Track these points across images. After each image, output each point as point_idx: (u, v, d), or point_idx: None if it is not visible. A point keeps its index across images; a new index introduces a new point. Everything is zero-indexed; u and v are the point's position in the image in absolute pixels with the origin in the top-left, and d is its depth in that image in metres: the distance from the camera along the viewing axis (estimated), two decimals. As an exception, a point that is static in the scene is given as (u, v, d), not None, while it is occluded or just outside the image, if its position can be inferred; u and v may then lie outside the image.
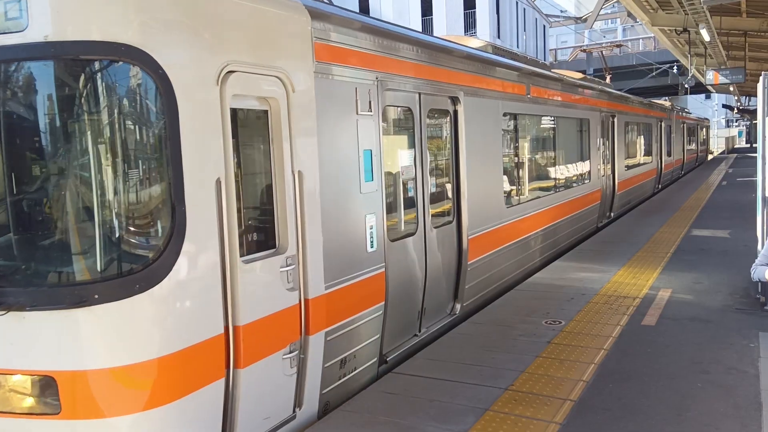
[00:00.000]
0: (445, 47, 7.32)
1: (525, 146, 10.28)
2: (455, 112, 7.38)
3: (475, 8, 37.71)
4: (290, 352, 4.60)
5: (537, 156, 10.90)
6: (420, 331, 6.70)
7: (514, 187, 9.41)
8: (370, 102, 5.59)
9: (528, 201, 9.82)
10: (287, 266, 4.55)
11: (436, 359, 6.03)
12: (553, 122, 11.37)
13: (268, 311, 4.38)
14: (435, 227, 6.87)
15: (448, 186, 7.42)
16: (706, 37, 16.90)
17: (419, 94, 6.54)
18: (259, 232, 4.57)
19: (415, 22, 36.30)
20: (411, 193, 6.53)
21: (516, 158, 9.69)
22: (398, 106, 6.36)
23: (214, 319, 3.99)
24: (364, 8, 37.11)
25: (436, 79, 6.85)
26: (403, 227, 6.41)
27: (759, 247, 7.58)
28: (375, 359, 5.86)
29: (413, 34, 6.81)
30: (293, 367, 4.66)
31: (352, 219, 5.38)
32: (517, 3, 42.33)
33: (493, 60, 8.69)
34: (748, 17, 17.48)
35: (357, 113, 5.40)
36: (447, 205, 7.35)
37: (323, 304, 4.91)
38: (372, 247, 5.61)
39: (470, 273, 7.54)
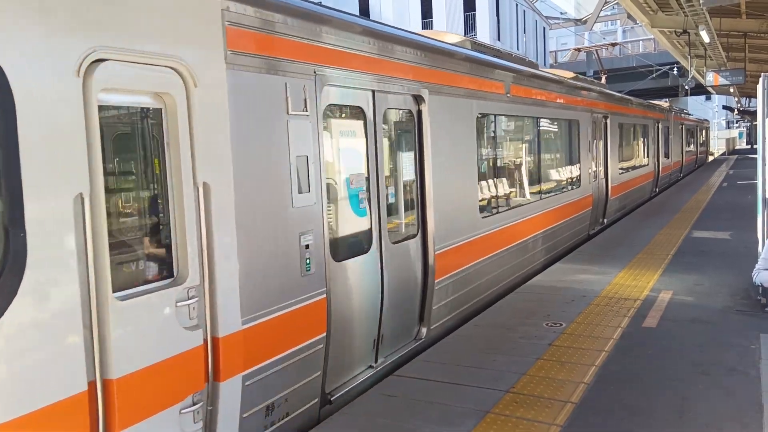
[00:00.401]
0: (405, 39, 6.43)
1: (504, 150, 9.64)
2: (419, 112, 6.59)
3: (475, 10, 37.75)
4: (192, 405, 3.80)
5: (518, 161, 10.17)
6: (376, 361, 5.92)
7: (491, 196, 8.67)
8: (305, 100, 4.79)
9: (508, 210, 9.06)
10: (188, 299, 3.77)
11: (436, 362, 6.02)
12: (537, 124, 10.67)
13: (158, 357, 3.59)
14: (394, 242, 6.13)
15: (412, 196, 6.61)
16: (706, 39, 16.92)
17: (373, 91, 5.77)
18: (149, 260, 3.79)
19: (415, 25, 36.33)
20: (363, 205, 5.73)
21: (494, 163, 8.98)
22: (345, 106, 5.64)
23: (74, 373, 3.17)
24: (364, 11, 37.14)
25: (394, 75, 6.08)
26: (352, 244, 5.67)
27: (759, 248, 7.59)
28: (315, 400, 5.06)
29: (363, 22, 5.91)
30: (197, 422, 3.86)
31: (281, 238, 4.60)
32: (517, 5, 42.37)
33: (464, 55, 7.80)
34: (747, 18, 17.50)
35: (288, 113, 4.62)
36: (410, 217, 6.59)
37: (240, 343, 4.15)
38: (309, 270, 4.82)
39: (438, 292, 6.80)
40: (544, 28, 49.75)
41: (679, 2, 16.24)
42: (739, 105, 55.53)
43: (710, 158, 49.49)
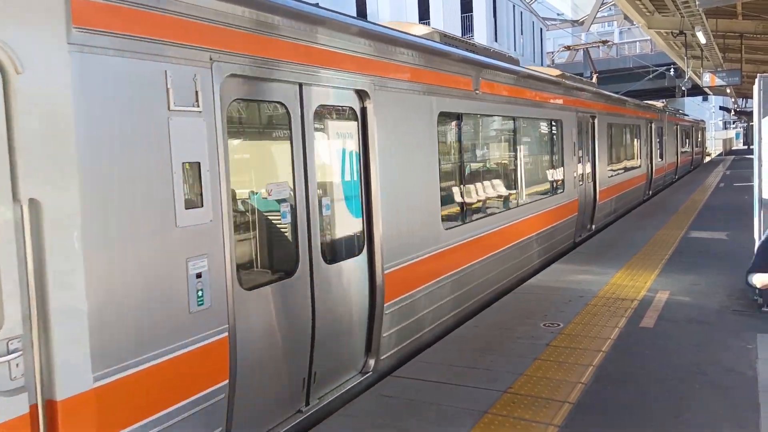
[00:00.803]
0: (342, 23, 5.39)
1: (473, 153, 8.74)
2: (363, 109, 5.75)
3: (472, 11, 37.79)
4: None
5: (490, 164, 9.32)
6: (307, 404, 5.07)
7: (457, 204, 7.76)
8: (197, 93, 3.91)
9: (479, 219, 8.16)
10: (7, 354, 2.99)
11: (433, 362, 6.02)
12: (512, 124, 9.72)
13: None
14: (330, 262, 5.25)
15: (355, 206, 5.74)
16: (702, 40, 16.97)
17: (300, 85, 4.90)
18: None
19: (412, 26, 36.36)
20: (287, 220, 4.86)
21: (461, 168, 7.98)
22: (260, 101, 4.75)
23: None
24: (362, 12, 37.18)
25: (328, 66, 5.19)
26: (270, 267, 4.85)
27: (756, 248, 7.61)
28: None
29: (287, 2, 4.85)
30: None
31: (157, 266, 3.68)
32: (514, 6, 42.43)
33: (420, 45, 6.71)
34: (743, 19, 17.57)
35: (169, 109, 3.73)
36: (352, 232, 5.71)
37: (90, 406, 3.28)
38: (201, 303, 3.92)
39: (389, 317, 5.96)
40: (541, 29, 49.83)
41: (676, 3, 16.28)
42: (735, 106, 55.69)
43: (707, 159, 49.58)
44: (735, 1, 14.02)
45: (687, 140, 34.57)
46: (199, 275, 3.93)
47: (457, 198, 7.80)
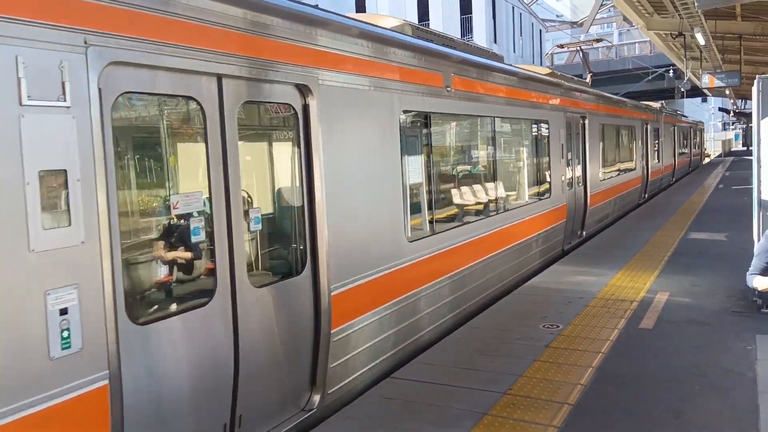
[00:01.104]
0: (272, 5, 4.66)
1: (446, 157, 8.12)
2: (305, 107, 4.98)
3: (471, 13, 37.84)
4: None
5: (465, 169, 8.71)
6: None
7: (424, 214, 7.03)
8: (63, 84, 3.21)
9: (451, 229, 7.42)
10: None
11: (433, 364, 6.02)
12: (491, 124, 9.01)
13: None
14: (260, 285, 4.54)
15: (295, 218, 5.04)
16: (701, 41, 16.98)
17: (219, 77, 4.18)
18: None
19: (411, 28, 36.46)
20: (199, 237, 4.09)
21: (430, 173, 7.21)
22: (161, 95, 4.03)
23: None
24: (361, 12, 37.24)
25: (256, 55, 4.44)
26: (174, 295, 4.16)
27: (755, 250, 7.60)
28: None
29: None
30: None
31: None
32: (513, 8, 42.46)
33: (374, 34, 5.94)
34: (743, 21, 17.60)
35: (21, 103, 3.04)
36: (290, 247, 5.09)
37: None
38: (67, 347, 3.18)
39: (339, 344, 5.23)
40: (540, 30, 49.87)
41: (675, 5, 16.29)
42: (734, 107, 55.72)
43: (706, 160, 49.57)
44: (734, 2, 14.05)
45: (685, 142, 34.28)
46: (64, 311, 3.17)
47: (425, 207, 7.07)
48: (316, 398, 5.06)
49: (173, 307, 4.06)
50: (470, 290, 7.83)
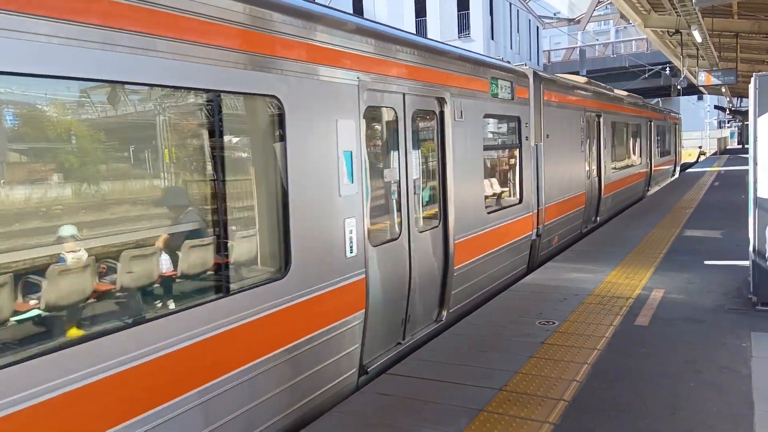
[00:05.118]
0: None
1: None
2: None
3: (468, 9, 37.77)
4: None
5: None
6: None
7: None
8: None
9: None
10: None
11: (429, 360, 6.02)
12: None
13: None
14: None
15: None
16: (698, 39, 16.97)
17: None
18: None
19: (408, 24, 36.34)
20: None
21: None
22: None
23: None
24: (358, 9, 37.10)
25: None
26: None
27: (750, 248, 7.61)
28: None
29: None
30: None
31: None
32: (510, 4, 42.40)
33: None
34: (739, 19, 17.60)
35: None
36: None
37: None
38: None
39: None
40: (537, 27, 49.84)
41: (672, 2, 16.28)
42: (730, 105, 55.83)
43: (702, 158, 49.60)
44: (731, 0, 14.04)
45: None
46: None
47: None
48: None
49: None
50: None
